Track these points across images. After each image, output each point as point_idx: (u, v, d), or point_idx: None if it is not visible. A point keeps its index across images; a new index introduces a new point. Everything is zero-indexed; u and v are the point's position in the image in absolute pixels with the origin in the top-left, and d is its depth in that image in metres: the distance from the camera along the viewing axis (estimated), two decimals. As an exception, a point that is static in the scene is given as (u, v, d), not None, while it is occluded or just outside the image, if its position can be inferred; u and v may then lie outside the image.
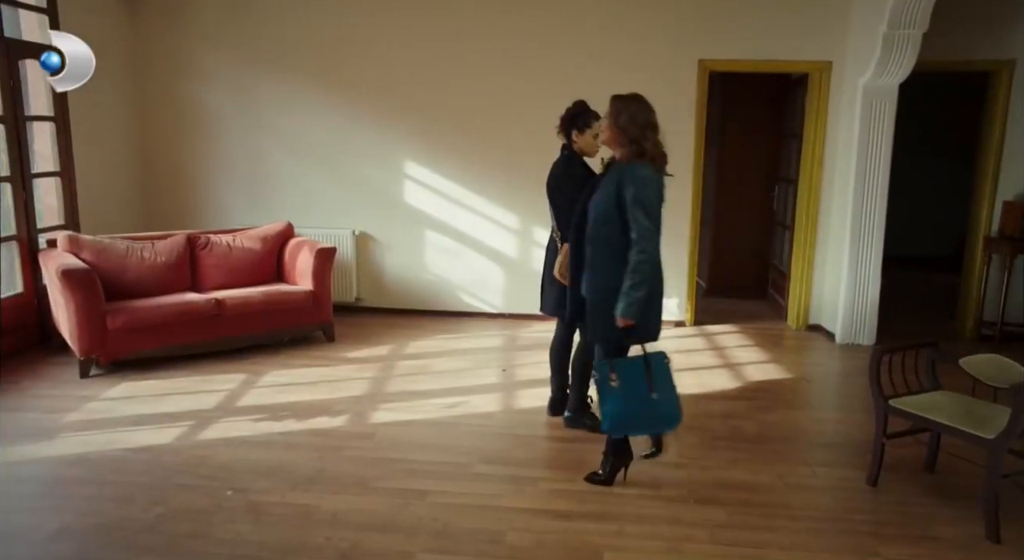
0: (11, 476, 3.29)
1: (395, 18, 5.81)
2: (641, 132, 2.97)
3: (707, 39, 5.61)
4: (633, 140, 2.98)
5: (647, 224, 2.92)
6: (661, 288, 3.19)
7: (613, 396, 3.02)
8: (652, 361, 3.08)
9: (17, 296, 4.95)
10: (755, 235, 7.08)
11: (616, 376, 3.03)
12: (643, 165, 2.97)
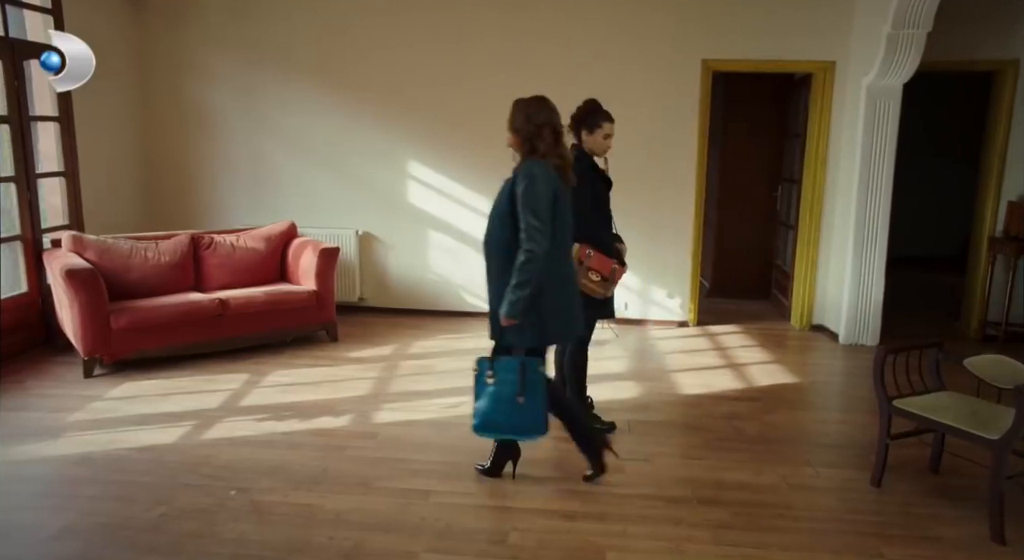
0: (15, 475, 3.30)
1: (399, 19, 5.81)
2: (536, 131, 2.96)
3: (711, 39, 5.61)
4: (526, 139, 2.98)
5: (534, 223, 2.86)
6: (567, 290, 3.09)
7: (485, 394, 3.02)
8: (527, 366, 2.99)
9: (21, 296, 4.96)
10: (758, 235, 7.07)
11: (493, 375, 3.01)
12: (535, 163, 2.95)
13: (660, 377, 4.80)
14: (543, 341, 3.08)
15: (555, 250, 2.96)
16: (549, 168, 2.95)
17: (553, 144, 2.98)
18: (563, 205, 2.99)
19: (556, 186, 2.96)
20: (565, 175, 3.03)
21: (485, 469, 3.31)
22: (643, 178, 5.77)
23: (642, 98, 5.70)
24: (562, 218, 2.99)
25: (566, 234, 3.05)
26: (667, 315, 6.04)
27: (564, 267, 3.08)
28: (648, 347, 5.49)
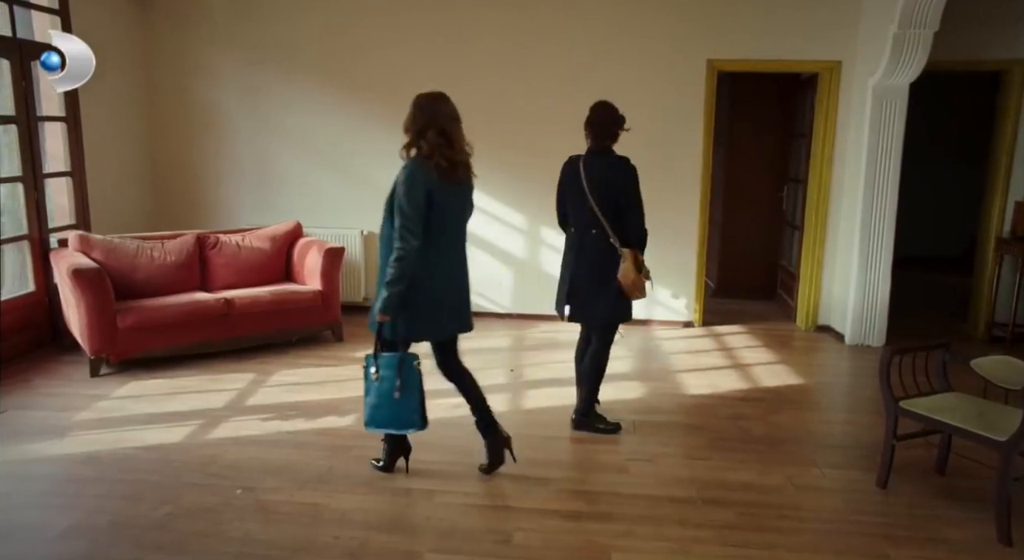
0: (21, 474, 3.31)
1: (402, 19, 5.82)
2: (421, 132, 3.00)
3: (716, 39, 5.60)
4: (413, 138, 3.03)
5: (404, 221, 2.92)
6: (441, 288, 3.12)
7: (370, 390, 3.10)
8: (405, 362, 3.06)
9: (29, 295, 4.98)
10: (764, 235, 7.06)
11: (377, 371, 3.08)
12: (413, 163, 3.00)
13: (665, 377, 4.79)
14: (413, 335, 3.14)
15: (430, 248, 3.00)
16: (429, 169, 2.96)
17: (439, 145, 2.99)
18: (443, 206, 3.01)
19: (433, 187, 2.97)
20: (451, 175, 3.03)
21: (380, 465, 3.35)
22: (648, 179, 5.63)
23: (647, 98, 5.69)
24: (441, 218, 3.01)
25: (447, 234, 3.09)
26: (672, 315, 6.03)
27: (440, 265, 3.09)
28: (653, 347, 5.48)
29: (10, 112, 4.77)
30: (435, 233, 3.01)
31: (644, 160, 5.63)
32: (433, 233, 3.00)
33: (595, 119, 3.67)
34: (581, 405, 3.87)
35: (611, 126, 3.65)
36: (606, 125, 3.65)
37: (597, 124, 3.66)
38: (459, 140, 3.08)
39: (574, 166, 3.72)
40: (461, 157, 3.08)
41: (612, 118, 3.65)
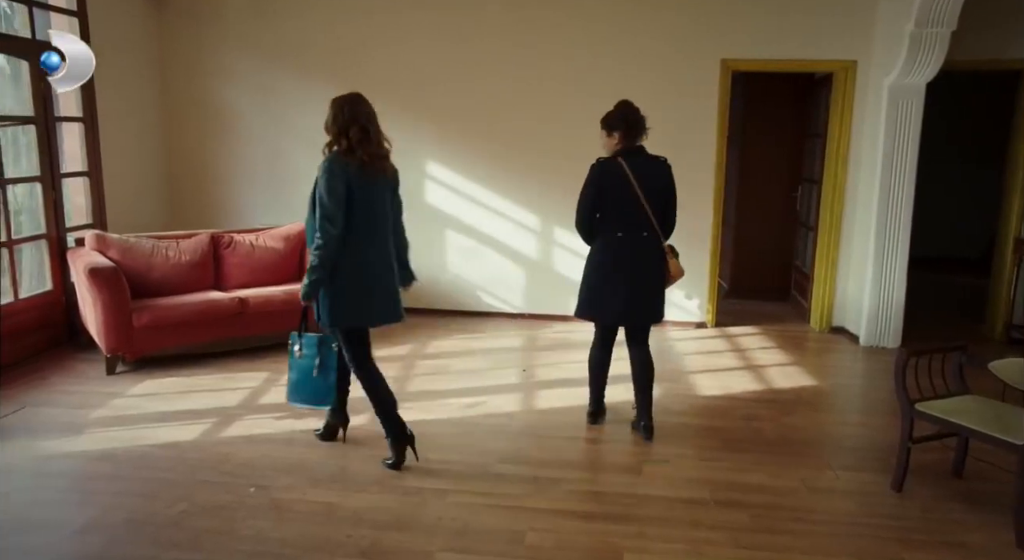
0: (40, 470, 3.35)
1: (416, 19, 5.83)
2: (342, 130, 3.18)
3: (730, 38, 5.57)
4: (334, 136, 3.21)
5: (322, 212, 3.10)
6: (361, 277, 3.22)
7: (293, 366, 3.39)
8: (324, 342, 3.33)
9: (46, 293, 5.04)
10: (777, 236, 7.02)
11: (301, 349, 3.35)
12: (333, 157, 3.16)
13: (678, 378, 4.77)
14: (333, 322, 3.25)
15: (355, 239, 3.17)
16: (347, 163, 3.14)
17: (360, 141, 3.17)
18: (364, 198, 3.18)
19: (353, 180, 3.14)
20: (372, 170, 3.20)
21: (320, 434, 3.65)
22: (661, 178, 5.74)
23: (660, 99, 5.63)
24: (363, 211, 3.18)
25: (370, 225, 3.23)
26: (685, 316, 6.01)
27: (361, 255, 3.22)
28: (666, 348, 5.46)
29: (29, 112, 4.82)
30: (359, 224, 3.18)
31: (657, 160, 5.68)
32: (358, 224, 3.17)
33: (631, 118, 3.61)
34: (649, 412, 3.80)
35: (644, 124, 3.66)
36: (641, 124, 3.64)
37: (633, 123, 3.61)
38: (378, 136, 3.28)
39: (617, 168, 3.60)
40: (381, 152, 3.28)
41: (642, 116, 3.65)
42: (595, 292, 3.73)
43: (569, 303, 5.98)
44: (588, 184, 3.68)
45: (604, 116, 3.69)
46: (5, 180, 4.65)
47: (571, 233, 5.92)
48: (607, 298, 3.71)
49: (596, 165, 3.69)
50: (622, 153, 3.63)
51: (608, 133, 3.66)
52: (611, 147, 3.67)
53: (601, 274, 3.70)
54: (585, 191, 3.68)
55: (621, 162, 3.61)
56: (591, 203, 3.67)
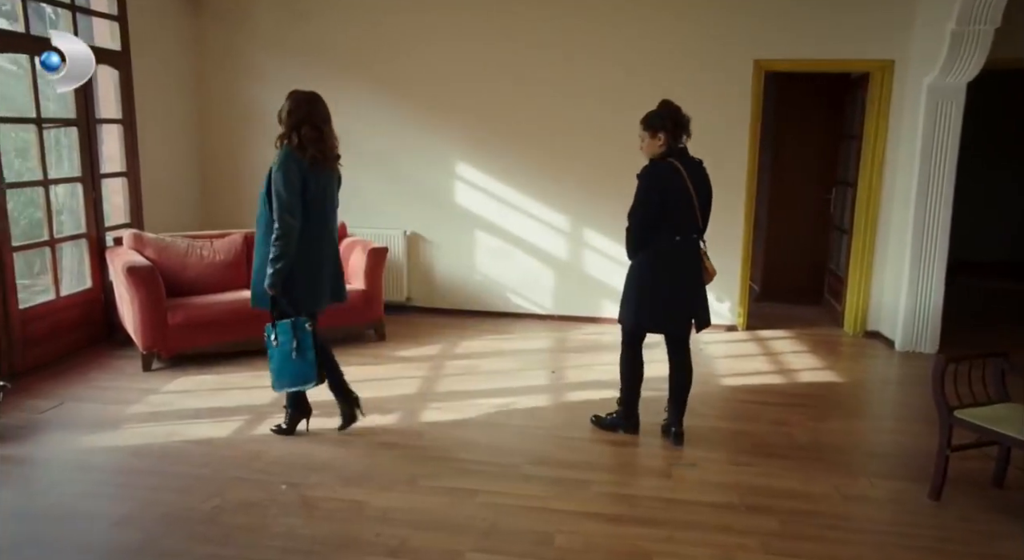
0: (81, 463, 3.43)
1: (448, 21, 5.85)
2: (295, 126, 3.37)
3: (763, 38, 5.51)
4: (286, 132, 3.40)
5: (280, 204, 3.28)
6: (318, 266, 3.49)
7: (273, 355, 3.51)
8: (297, 326, 3.44)
9: (86, 291, 5.15)
10: (810, 239, 6.91)
11: (276, 337, 3.47)
12: (288, 152, 3.35)
13: (708, 381, 4.73)
14: (297, 309, 3.46)
15: (309, 229, 3.38)
16: (301, 158, 3.34)
17: (313, 140, 3.35)
18: (318, 192, 3.41)
19: (306, 174, 3.35)
20: (321, 166, 3.41)
21: (283, 429, 3.74)
22: (692, 180, 5.69)
23: (692, 100, 5.50)
24: (316, 203, 3.40)
25: (320, 216, 3.45)
26: (716, 319, 5.88)
27: (318, 244, 3.46)
28: (696, 351, 5.36)
29: (71, 115, 4.94)
30: (312, 216, 3.40)
31: (688, 161, 5.64)
32: (313, 215, 3.40)
33: (678, 118, 3.51)
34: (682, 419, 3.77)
35: (689, 124, 3.58)
36: (687, 124, 3.56)
37: (679, 123, 3.53)
38: (330, 136, 3.46)
39: (674, 171, 3.50)
40: (332, 151, 3.47)
41: (686, 116, 3.57)
42: (661, 302, 3.62)
43: (599, 305, 6.02)
44: (650, 190, 3.50)
45: (646, 116, 3.56)
46: (48, 180, 4.77)
47: (601, 234, 5.95)
48: (675, 307, 3.65)
49: (653, 169, 3.53)
50: (672, 154, 3.53)
51: (652, 134, 3.53)
52: (654, 148, 3.55)
53: (666, 283, 3.60)
54: (648, 197, 3.50)
55: (676, 164, 3.51)
56: (657, 210, 3.50)
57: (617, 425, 3.83)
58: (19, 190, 4.72)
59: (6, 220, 4.41)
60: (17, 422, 3.82)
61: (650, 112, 3.57)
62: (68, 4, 4.90)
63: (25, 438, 3.66)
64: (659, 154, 3.54)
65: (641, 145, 3.61)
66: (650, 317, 3.65)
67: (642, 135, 3.57)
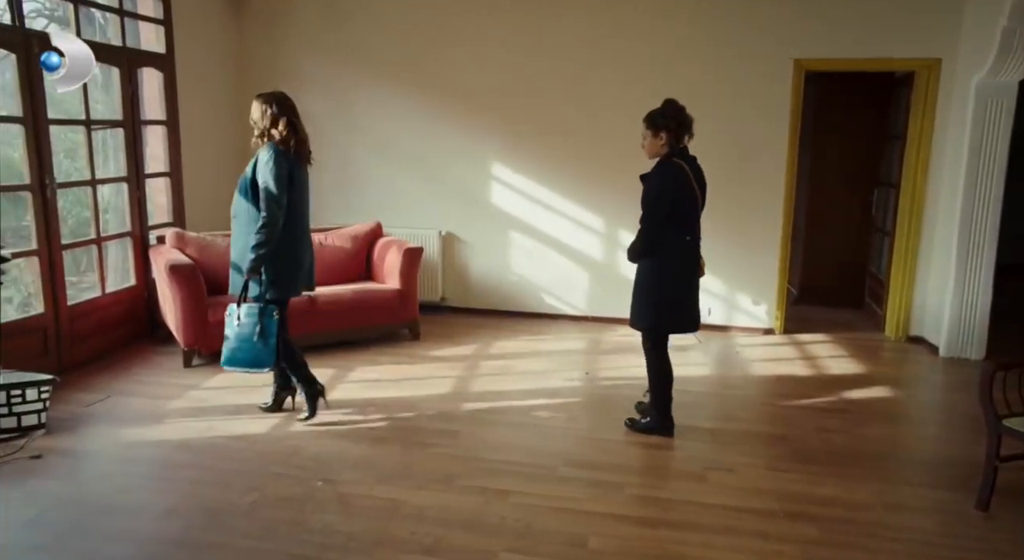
0: (125, 456, 3.52)
1: (485, 23, 5.87)
2: (272, 123, 3.60)
3: (803, 37, 5.42)
4: (264, 129, 3.62)
5: (268, 194, 3.51)
6: (295, 254, 3.70)
7: (232, 335, 3.65)
8: (264, 313, 3.61)
9: (130, 288, 5.28)
10: (851, 241, 6.78)
11: (240, 318, 3.63)
12: (273, 146, 3.58)
13: (744, 385, 4.67)
14: (280, 295, 3.67)
15: (289, 217, 3.59)
16: (286, 152, 3.59)
17: (291, 133, 3.61)
18: (299, 181, 3.68)
19: (292, 166, 3.60)
20: (300, 158, 3.69)
21: (268, 407, 4.03)
22: (729, 181, 5.62)
23: (729, 99, 5.57)
24: (298, 193, 3.67)
25: (299, 206, 3.71)
26: (752, 322, 5.87)
27: (297, 232, 3.70)
28: (732, 354, 5.35)
29: (118, 116, 5.07)
30: (296, 204, 3.65)
31: (725, 162, 5.58)
32: (295, 204, 3.64)
33: (682, 118, 3.54)
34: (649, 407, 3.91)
35: (692, 124, 3.59)
36: (691, 123, 3.58)
37: (684, 123, 3.55)
38: (302, 130, 3.71)
39: (681, 171, 3.53)
40: (306, 145, 3.73)
41: (690, 116, 3.58)
42: (683, 303, 3.66)
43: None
44: (664, 190, 3.53)
45: (650, 115, 3.58)
46: (96, 180, 4.90)
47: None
48: (691, 307, 3.69)
49: (663, 170, 3.56)
50: (676, 154, 3.55)
51: (655, 133, 3.55)
52: (656, 148, 3.58)
53: (681, 283, 3.65)
54: (662, 198, 3.53)
55: (682, 164, 3.54)
56: (669, 211, 3.54)
57: (652, 429, 3.80)
58: (67, 189, 4.85)
59: (56, 219, 4.54)
60: (65, 415, 3.93)
61: (653, 111, 3.60)
62: (117, 9, 5.03)
63: (73, 430, 3.77)
64: (662, 154, 3.58)
65: (642, 143, 3.65)
66: (672, 318, 3.70)
67: (644, 133, 3.62)
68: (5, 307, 4.51)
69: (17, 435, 3.63)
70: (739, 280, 5.83)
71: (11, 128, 4.60)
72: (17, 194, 4.49)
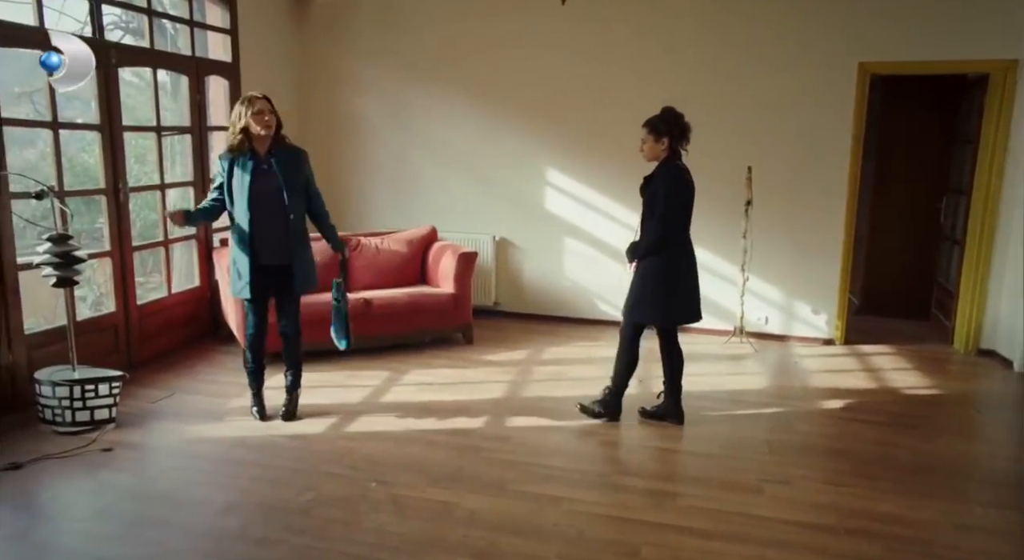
0: (189, 452, 3.64)
1: (540, 30, 5.88)
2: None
3: (869, 39, 5.26)
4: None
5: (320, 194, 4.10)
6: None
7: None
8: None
9: (195, 289, 5.47)
10: (916, 249, 6.55)
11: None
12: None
13: (803, 396, 4.54)
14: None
15: None
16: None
17: None
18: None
19: None
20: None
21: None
22: (789, 186, 5.51)
23: (791, 105, 5.44)
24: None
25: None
26: (811, 332, 5.72)
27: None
28: (790, 364, 5.22)
29: (186, 123, 5.26)
30: None
31: (786, 167, 5.45)
32: None
33: (683, 124, 3.76)
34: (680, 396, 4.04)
35: (689, 132, 3.81)
36: (689, 130, 3.79)
37: (685, 128, 3.77)
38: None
39: (685, 172, 3.81)
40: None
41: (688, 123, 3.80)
42: (690, 297, 3.90)
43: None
44: (679, 192, 3.76)
45: (650, 120, 3.77)
46: (165, 185, 5.09)
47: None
48: (695, 298, 3.92)
49: (674, 172, 3.76)
50: (677, 158, 3.78)
51: (657, 138, 3.74)
52: (657, 152, 3.77)
53: (693, 278, 3.89)
54: (678, 200, 3.76)
55: (686, 167, 3.80)
56: (684, 212, 3.81)
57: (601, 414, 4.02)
58: (137, 193, 5.05)
59: (128, 222, 4.73)
60: (133, 410, 4.09)
61: (654, 117, 3.77)
62: (187, 20, 5.22)
63: (140, 425, 3.92)
64: (661, 158, 3.78)
65: (641, 147, 3.83)
66: (680, 312, 3.90)
67: (645, 138, 3.80)
68: (79, 305, 4.73)
69: (90, 428, 3.80)
70: (798, 288, 5.69)
71: (87, 135, 4.82)
72: (92, 198, 4.70)
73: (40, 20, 4.05)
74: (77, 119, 4.85)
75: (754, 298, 5.70)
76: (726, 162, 5.56)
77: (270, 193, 3.78)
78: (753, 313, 5.73)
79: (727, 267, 5.72)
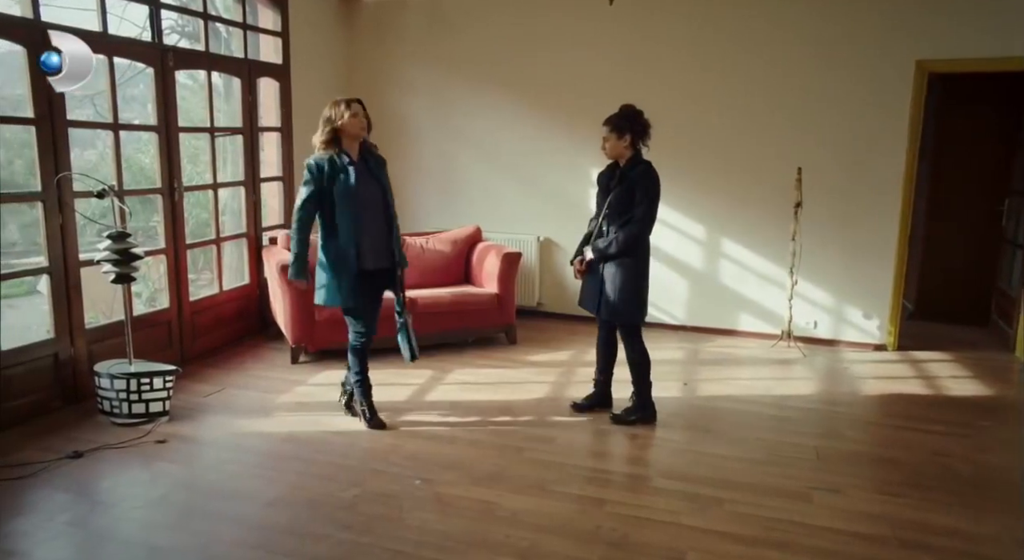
0: (239, 445, 3.72)
1: (587, 32, 5.86)
2: None
3: (927, 36, 5.10)
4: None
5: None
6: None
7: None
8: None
9: (245, 287, 5.59)
10: (975, 253, 6.33)
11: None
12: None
13: (853, 403, 4.43)
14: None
15: None
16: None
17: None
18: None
19: None
20: None
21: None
22: (842, 188, 5.38)
23: (846, 105, 5.32)
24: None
25: None
26: (863, 337, 5.57)
27: None
28: (840, 370, 5.10)
29: (238, 124, 5.39)
30: None
31: (839, 168, 5.32)
32: None
33: (644, 121, 3.79)
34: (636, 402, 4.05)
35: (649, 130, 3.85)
36: (649, 128, 3.83)
37: (647, 126, 3.81)
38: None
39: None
40: None
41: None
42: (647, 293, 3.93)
43: (735, 317, 5.81)
44: (658, 188, 3.79)
45: (611, 118, 3.77)
46: (217, 184, 5.22)
47: (739, 244, 5.74)
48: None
49: (653, 171, 3.78)
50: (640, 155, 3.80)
51: (619, 135, 3.74)
52: (618, 150, 3.78)
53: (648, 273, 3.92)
54: (656, 200, 3.78)
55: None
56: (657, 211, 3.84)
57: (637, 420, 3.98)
58: (190, 193, 5.19)
59: (182, 220, 4.87)
60: (185, 404, 4.20)
61: (614, 115, 3.77)
62: (240, 23, 5.35)
63: (192, 419, 4.02)
64: (625, 156, 3.79)
65: (603, 145, 3.83)
66: (645, 308, 3.94)
67: (607, 136, 3.78)
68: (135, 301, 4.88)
69: (145, 420, 3.91)
70: (849, 291, 5.55)
71: (143, 136, 4.98)
72: (147, 197, 4.85)
73: (103, 26, 4.19)
74: (135, 120, 5.00)
75: (803, 302, 5.58)
76: (776, 163, 5.46)
77: (373, 196, 3.72)
78: (802, 317, 5.61)
79: (775, 270, 5.62)
